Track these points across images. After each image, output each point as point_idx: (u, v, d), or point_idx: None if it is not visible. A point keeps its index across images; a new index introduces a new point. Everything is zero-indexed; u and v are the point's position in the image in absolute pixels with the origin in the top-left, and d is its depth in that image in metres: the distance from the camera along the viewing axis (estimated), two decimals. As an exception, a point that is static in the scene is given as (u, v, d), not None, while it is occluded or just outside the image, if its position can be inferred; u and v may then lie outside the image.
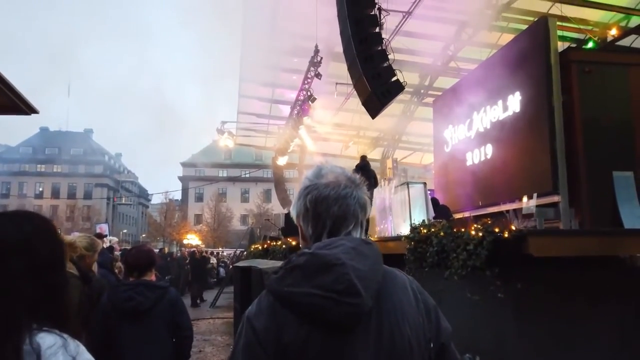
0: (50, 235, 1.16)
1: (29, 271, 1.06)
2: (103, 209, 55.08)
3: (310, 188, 1.23)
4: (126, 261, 3.16)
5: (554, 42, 7.19)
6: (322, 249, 1.12)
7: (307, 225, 1.23)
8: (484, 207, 8.89)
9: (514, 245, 3.37)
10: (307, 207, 1.22)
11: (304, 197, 1.23)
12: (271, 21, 13.72)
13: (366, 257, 1.13)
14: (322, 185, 1.21)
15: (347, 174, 1.25)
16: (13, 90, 2.86)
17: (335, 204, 1.19)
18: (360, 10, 6.07)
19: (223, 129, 17.53)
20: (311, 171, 1.29)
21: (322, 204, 1.20)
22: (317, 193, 1.21)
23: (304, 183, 1.26)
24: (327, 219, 1.19)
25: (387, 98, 6.27)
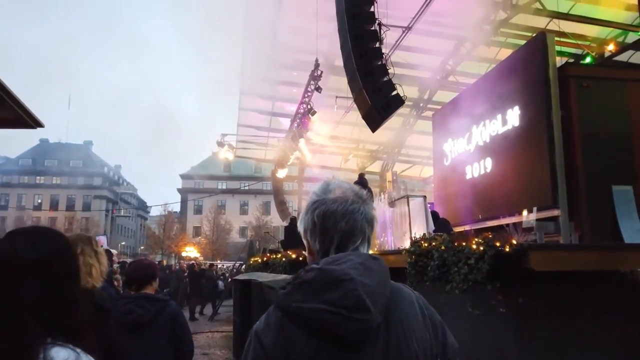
0: (66, 251, 1.18)
1: (45, 287, 1.09)
2: (102, 220, 54.95)
3: (318, 203, 1.23)
4: (127, 274, 3.16)
5: (552, 58, 7.26)
6: (331, 265, 1.12)
7: (314, 241, 1.23)
8: (484, 220, 8.89)
9: (515, 260, 3.37)
10: (314, 222, 1.22)
11: (312, 212, 1.23)
12: (272, 35, 13.85)
13: (374, 272, 1.14)
14: (329, 201, 1.22)
15: (354, 190, 1.26)
16: (19, 104, 2.88)
17: (342, 219, 1.20)
18: (360, 26, 6.15)
19: (223, 142, 17.59)
20: (318, 186, 1.29)
21: (330, 219, 1.20)
22: (324, 208, 1.21)
23: (311, 198, 1.27)
24: (335, 235, 1.20)
25: (387, 112, 6.32)
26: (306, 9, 12.33)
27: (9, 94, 2.68)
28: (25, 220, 49.16)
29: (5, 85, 2.51)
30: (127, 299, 2.96)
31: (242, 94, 17.38)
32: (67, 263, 1.17)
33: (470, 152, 9.59)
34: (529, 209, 7.29)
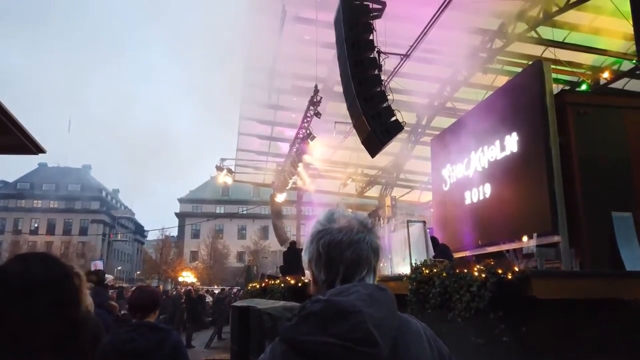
0: (72, 276, 1.24)
1: (55, 308, 1.12)
2: (98, 245, 54.51)
3: (323, 232, 1.21)
4: (131, 301, 3.11)
5: (549, 85, 7.36)
6: (337, 296, 1.09)
7: (319, 271, 1.21)
8: (484, 246, 8.85)
9: (518, 287, 3.34)
10: (319, 252, 1.20)
11: (317, 242, 1.21)
12: (271, 62, 14.04)
13: (381, 304, 1.11)
14: (335, 230, 1.21)
15: (359, 218, 1.25)
16: (22, 131, 2.90)
17: (348, 249, 1.18)
18: (360, 53, 6.24)
19: (222, 166, 17.62)
20: (322, 215, 1.28)
21: (336, 249, 1.19)
22: (330, 238, 1.20)
23: (315, 227, 1.25)
24: (340, 265, 1.18)
25: (386, 137, 6.36)
26: (306, 36, 12.57)
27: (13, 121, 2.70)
28: (22, 244, 48.73)
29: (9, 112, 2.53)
30: (129, 326, 2.92)
31: (241, 119, 17.50)
32: (73, 287, 1.22)
33: (469, 178, 9.62)
34: (528, 235, 7.28)
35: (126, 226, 66.10)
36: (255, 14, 12.23)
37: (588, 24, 10.70)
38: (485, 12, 10.77)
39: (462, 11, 10.01)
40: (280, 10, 11.55)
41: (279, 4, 11.32)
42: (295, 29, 12.38)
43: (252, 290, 11.71)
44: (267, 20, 12.20)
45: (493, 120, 8.62)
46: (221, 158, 17.76)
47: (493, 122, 8.61)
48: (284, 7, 11.13)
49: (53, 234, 55.05)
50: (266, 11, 11.92)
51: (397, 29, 10.30)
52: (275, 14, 11.76)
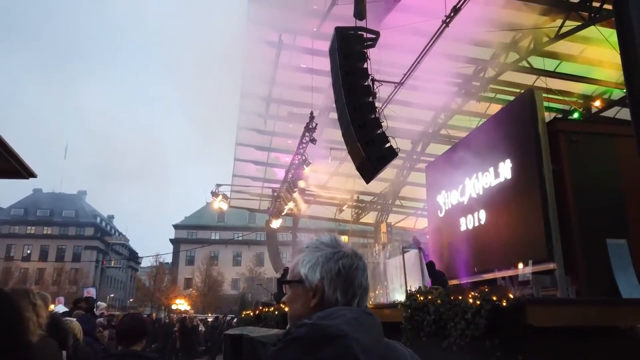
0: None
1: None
2: (91, 272, 53.76)
3: (341, 254, 1.21)
4: (119, 328, 3.04)
5: (541, 113, 7.46)
6: (324, 319, 1.07)
7: (334, 291, 1.18)
8: (480, 273, 8.79)
9: (513, 315, 3.30)
10: (340, 272, 1.19)
11: (336, 262, 1.19)
12: (268, 88, 14.21)
13: (369, 329, 1.09)
14: (351, 254, 1.21)
15: (353, 248, 1.26)
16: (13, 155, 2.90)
17: (362, 275, 1.21)
18: (354, 81, 6.34)
19: (217, 192, 17.59)
20: (326, 238, 1.26)
21: (356, 272, 1.20)
22: (349, 261, 1.20)
23: (323, 249, 1.22)
24: (358, 289, 1.19)
25: (381, 164, 6.39)
26: (302, 64, 12.77)
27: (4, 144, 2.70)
28: (13, 271, 48.03)
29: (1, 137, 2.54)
30: (114, 356, 2.85)
31: (237, 145, 17.59)
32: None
33: (464, 204, 9.63)
34: (524, 262, 7.24)
35: (120, 253, 65.39)
36: (253, 43, 12.44)
37: (578, 54, 10.94)
38: (477, 42, 11.02)
39: (454, 41, 10.21)
40: (277, 39, 11.77)
41: (276, 34, 11.54)
42: (291, 57, 12.59)
43: (246, 318, 11.53)
44: (263, 48, 12.41)
45: (487, 148, 8.70)
46: (217, 184, 17.77)
47: (487, 149, 8.68)
48: (280, 36, 11.34)
49: (46, 260, 54.33)
50: (263, 40, 12.14)
51: (391, 57, 10.51)
52: (271, 42, 11.98)
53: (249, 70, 13.85)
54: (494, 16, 9.93)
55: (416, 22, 9.17)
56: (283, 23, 11.31)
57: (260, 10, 10.99)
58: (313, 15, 10.60)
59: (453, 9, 7.09)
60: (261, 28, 11.76)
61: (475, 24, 9.67)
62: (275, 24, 11.43)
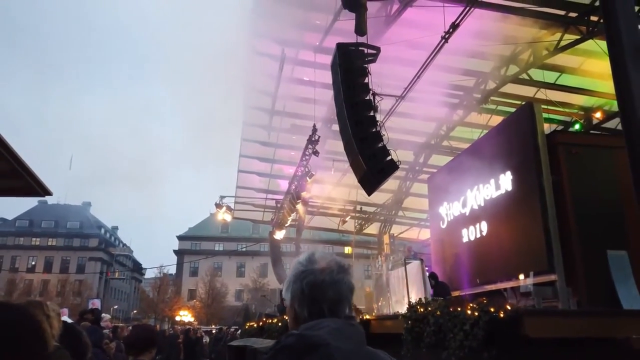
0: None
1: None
2: (95, 283, 53.79)
3: (306, 273, 1.30)
4: (128, 339, 3.12)
5: (540, 125, 7.57)
6: (308, 330, 1.19)
7: (302, 309, 1.29)
8: (482, 284, 8.84)
9: (510, 326, 3.37)
10: (303, 291, 1.29)
11: (301, 281, 1.30)
12: (271, 101, 14.37)
13: (350, 338, 1.20)
14: (317, 271, 1.30)
15: (337, 260, 1.35)
16: (29, 172, 3.02)
17: (330, 289, 1.28)
18: (355, 96, 6.47)
19: (221, 203, 17.71)
20: (303, 257, 1.36)
21: (319, 288, 1.28)
22: (313, 278, 1.29)
23: (297, 268, 1.34)
24: (324, 303, 1.27)
25: (382, 176, 6.50)
26: (305, 77, 12.93)
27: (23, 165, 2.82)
28: (18, 282, 48.12)
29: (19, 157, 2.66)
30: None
31: (241, 157, 17.73)
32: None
33: (466, 216, 9.71)
34: (525, 273, 7.30)
35: (124, 264, 65.44)
36: (256, 57, 12.62)
37: (578, 66, 11.05)
38: (477, 54, 11.14)
39: (455, 54, 10.34)
40: (279, 52, 11.95)
41: (279, 47, 11.71)
42: (294, 70, 12.76)
43: (250, 330, 11.57)
44: (267, 62, 12.59)
45: (488, 160, 8.80)
46: (220, 195, 17.89)
47: (488, 161, 8.78)
48: (283, 50, 11.52)
49: (50, 271, 54.40)
50: (266, 53, 12.32)
51: (392, 70, 10.66)
52: (274, 56, 12.16)
53: (252, 83, 14.02)
54: (493, 30, 10.05)
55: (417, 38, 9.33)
56: (286, 37, 11.49)
57: (263, 25, 11.18)
58: (315, 30, 10.78)
59: (452, 25, 7.23)
60: (264, 42, 11.95)
61: (475, 37, 9.80)
62: (278, 38, 11.61)
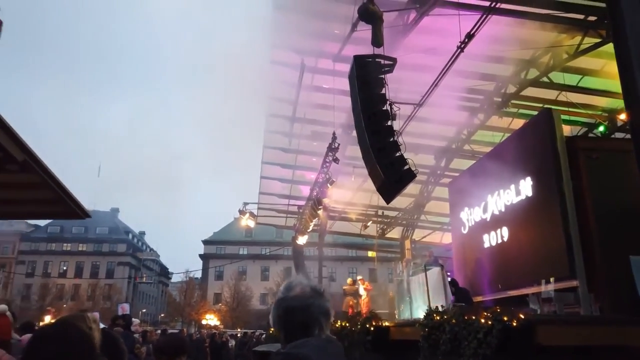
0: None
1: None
2: (124, 288, 55.07)
3: (282, 301, 1.53)
4: (156, 345, 3.32)
5: (560, 131, 7.56)
6: (294, 349, 1.38)
7: (280, 331, 1.52)
8: (504, 290, 8.83)
9: (523, 334, 3.46)
10: (280, 316, 1.51)
11: (277, 309, 1.53)
12: (292, 109, 14.60)
13: (330, 354, 1.40)
14: (289, 298, 1.52)
15: (311, 286, 1.56)
16: (73, 199, 3.28)
17: (300, 313, 1.48)
18: (373, 106, 6.61)
19: (245, 210, 18.02)
20: (283, 285, 1.59)
21: (291, 313, 1.49)
22: (285, 305, 1.51)
23: (277, 296, 1.57)
24: (295, 325, 1.48)
25: (399, 185, 6.61)
26: (324, 85, 13.12)
27: (66, 192, 3.07)
28: (50, 287, 49.65)
29: (63, 185, 2.91)
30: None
31: (263, 163, 18.02)
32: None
33: (487, 221, 9.71)
34: (546, 279, 7.29)
35: (151, 268, 66.77)
36: (276, 66, 12.87)
37: (600, 68, 10.92)
38: (496, 59, 11.13)
39: (473, 59, 10.36)
40: (299, 61, 12.17)
41: (298, 57, 11.94)
42: (314, 78, 12.96)
43: (275, 335, 11.75)
44: (286, 71, 12.83)
45: (507, 165, 8.80)
46: (244, 202, 18.19)
47: (507, 167, 8.79)
48: (303, 60, 11.73)
49: (81, 276, 55.95)
50: (286, 63, 12.56)
51: (410, 76, 10.76)
52: (294, 65, 12.39)
53: (273, 92, 14.28)
54: (511, 35, 10.05)
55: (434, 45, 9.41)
56: (305, 47, 11.70)
57: (283, 36, 11.42)
58: (334, 39, 10.95)
59: (467, 35, 7.30)
60: (284, 52, 12.18)
61: (494, 42, 9.82)
62: (298, 48, 11.83)
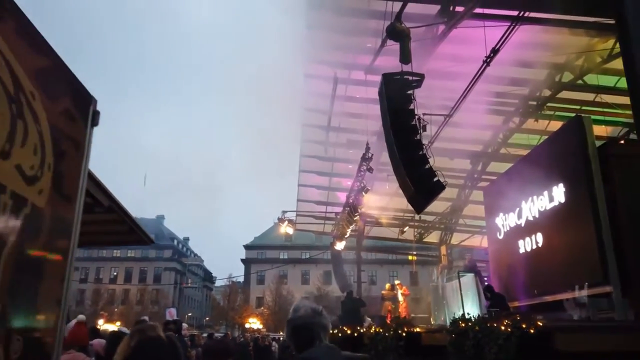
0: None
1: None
2: (170, 292, 57.04)
3: (290, 321, 2.05)
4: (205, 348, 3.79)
5: (591, 137, 7.62)
6: (307, 354, 1.93)
7: (292, 342, 2.04)
8: (540, 296, 8.90)
9: (541, 341, 3.70)
10: (289, 333, 2.04)
11: (287, 327, 2.05)
12: (327, 119, 15.02)
13: (333, 356, 1.92)
14: (296, 318, 2.03)
15: (312, 307, 2.07)
16: (142, 230, 3.80)
17: (304, 330, 1.99)
18: (402, 122, 6.91)
19: (284, 218, 18.55)
20: (292, 308, 2.10)
21: (297, 330, 2.00)
22: (293, 324, 2.02)
23: (288, 317, 2.07)
24: (300, 339, 1.98)
25: (429, 196, 6.88)
26: (356, 95, 13.47)
27: (137, 225, 3.58)
28: (102, 292, 52.12)
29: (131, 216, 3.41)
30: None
31: (301, 172, 18.51)
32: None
33: (522, 227, 9.78)
34: (580, 285, 7.36)
35: (195, 273, 68.77)
36: (310, 80, 13.33)
37: (637, 69, 10.74)
38: (528, 64, 11.15)
39: (505, 65, 10.42)
40: (332, 75, 12.58)
41: (332, 71, 12.35)
42: (347, 89, 13.33)
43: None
44: (321, 83, 13.26)
45: (540, 172, 8.88)
46: (283, 210, 18.75)
47: (540, 174, 8.86)
48: (336, 73, 12.13)
49: (130, 282, 58.40)
50: (320, 76, 12.99)
51: (441, 84, 10.95)
52: (328, 78, 12.81)
53: (308, 103, 14.74)
54: (543, 40, 10.08)
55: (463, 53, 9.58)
56: (338, 60, 12.11)
57: (317, 51, 11.85)
58: (365, 52, 11.29)
59: (492, 50, 7.48)
60: (318, 66, 12.62)
61: (525, 48, 9.88)
62: (331, 62, 12.24)
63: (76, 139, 1.64)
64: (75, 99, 1.64)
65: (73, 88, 1.62)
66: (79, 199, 1.60)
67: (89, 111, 1.71)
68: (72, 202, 1.58)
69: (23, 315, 1.36)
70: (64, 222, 1.53)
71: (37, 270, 1.42)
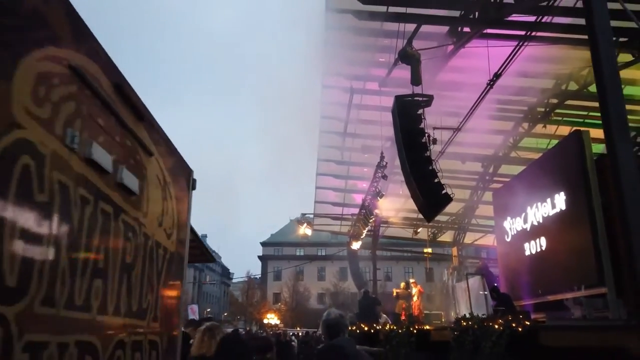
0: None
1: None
2: (190, 288, 58.45)
3: (324, 321, 3.01)
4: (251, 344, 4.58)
5: (589, 150, 8.23)
6: (334, 342, 2.82)
7: (324, 335, 3.01)
8: (544, 295, 9.55)
9: (528, 338, 4.41)
10: (323, 329, 3.00)
11: (322, 325, 3.03)
12: (343, 126, 15.75)
13: (351, 345, 2.76)
14: (328, 319, 3.00)
15: (338, 313, 3.01)
16: (208, 251, 4.62)
17: (332, 328, 2.94)
18: (412, 139, 7.62)
19: (302, 220, 19.34)
20: (325, 313, 3.07)
21: (328, 328, 2.96)
22: (327, 323, 2.98)
23: (322, 318, 3.03)
24: (330, 333, 2.94)
25: (438, 208, 7.59)
26: (371, 103, 14.16)
27: (205, 247, 4.38)
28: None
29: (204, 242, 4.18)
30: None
31: (318, 175, 19.29)
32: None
33: (527, 231, 10.42)
34: (579, 286, 8.01)
35: (214, 269, 70.20)
36: (328, 90, 14.07)
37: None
38: (535, 75, 11.72)
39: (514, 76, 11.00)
40: (348, 85, 13.31)
41: (348, 82, 13.08)
42: (362, 98, 14.04)
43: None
44: (337, 93, 14.00)
45: (544, 180, 9.52)
46: (301, 213, 19.56)
47: (544, 182, 9.50)
48: (352, 84, 12.85)
49: (151, 278, 59.91)
50: (337, 87, 13.74)
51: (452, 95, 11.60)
52: (344, 89, 13.54)
53: (325, 111, 15.48)
54: (547, 54, 10.65)
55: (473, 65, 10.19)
56: (353, 73, 12.83)
57: (334, 64, 12.58)
58: (380, 66, 11.99)
59: (495, 74, 8.13)
60: (335, 78, 13.36)
61: (531, 61, 10.47)
62: (347, 74, 12.97)
63: (183, 199, 2.44)
64: (184, 175, 2.44)
65: (184, 169, 2.42)
66: (187, 242, 2.41)
67: (190, 180, 2.51)
68: (183, 244, 2.38)
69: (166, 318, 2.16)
70: (180, 257, 2.34)
71: (175, 286, 2.22)
